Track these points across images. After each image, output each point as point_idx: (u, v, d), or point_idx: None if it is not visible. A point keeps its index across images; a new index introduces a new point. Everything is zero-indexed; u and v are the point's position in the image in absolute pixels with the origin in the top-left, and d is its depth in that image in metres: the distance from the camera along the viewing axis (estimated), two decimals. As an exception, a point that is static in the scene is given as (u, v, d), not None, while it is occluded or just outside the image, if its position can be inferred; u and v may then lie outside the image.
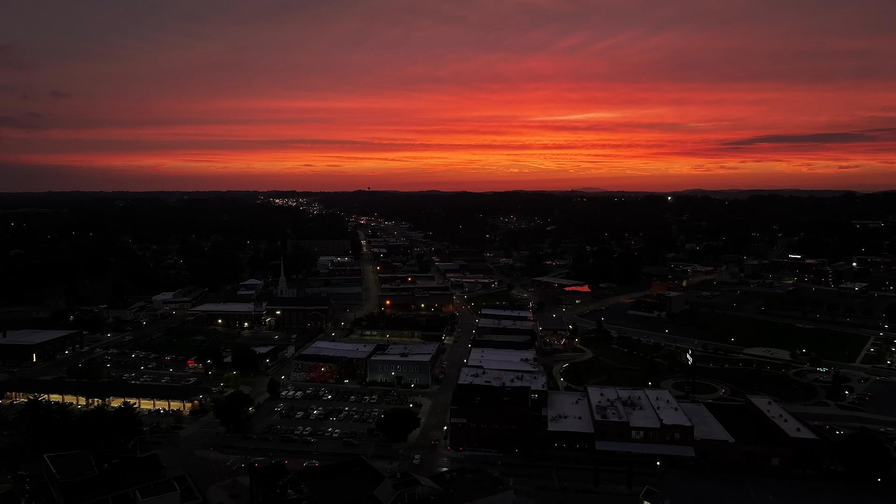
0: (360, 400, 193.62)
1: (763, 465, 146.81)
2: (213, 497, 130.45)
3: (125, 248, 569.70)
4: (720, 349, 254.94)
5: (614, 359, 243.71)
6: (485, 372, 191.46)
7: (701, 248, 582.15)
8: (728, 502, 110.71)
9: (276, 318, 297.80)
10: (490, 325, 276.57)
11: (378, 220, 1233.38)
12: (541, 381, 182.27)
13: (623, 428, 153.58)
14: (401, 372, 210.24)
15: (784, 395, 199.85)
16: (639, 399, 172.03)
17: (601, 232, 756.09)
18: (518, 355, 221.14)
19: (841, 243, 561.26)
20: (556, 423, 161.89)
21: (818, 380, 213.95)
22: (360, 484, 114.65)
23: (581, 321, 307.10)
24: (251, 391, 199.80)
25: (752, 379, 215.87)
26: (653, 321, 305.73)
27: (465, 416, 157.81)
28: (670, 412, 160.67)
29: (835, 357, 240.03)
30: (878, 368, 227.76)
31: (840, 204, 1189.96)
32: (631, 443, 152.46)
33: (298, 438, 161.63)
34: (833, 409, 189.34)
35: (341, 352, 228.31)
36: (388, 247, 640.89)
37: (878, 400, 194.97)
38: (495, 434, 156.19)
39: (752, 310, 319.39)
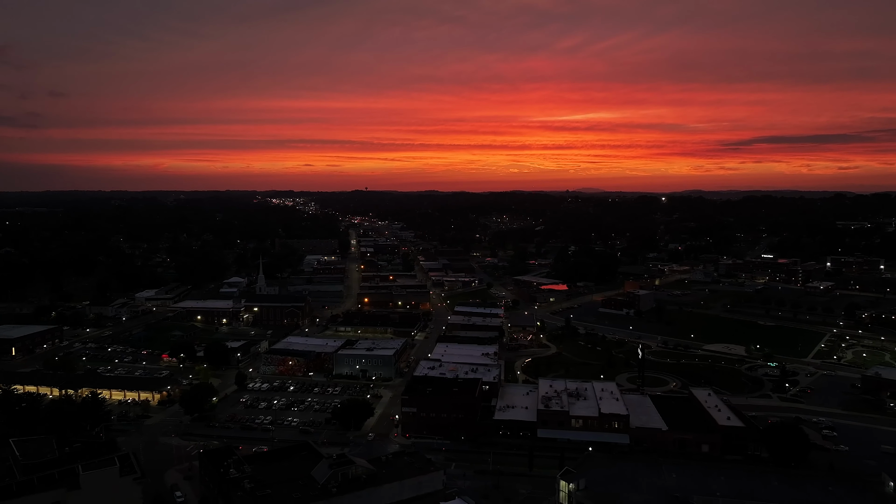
0: (323, 392, 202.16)
1: (694, 451, 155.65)
2: (169, 479, 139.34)
3: (115, 246, 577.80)
4: (680, 345, 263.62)
5: (576, 354, 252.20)
6: (441, 365, 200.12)
7: (683, 248, 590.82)
8: (638, 481, 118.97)
9: (254, 315, 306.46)
10: (460, 322, 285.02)
11: (371, 220, 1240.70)
12: (493, 374, 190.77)
13: (563, 417, 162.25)
14: (366, 365, 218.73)
15: (733, 388, 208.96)
16: (585, 391, 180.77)
17: (588, 232, 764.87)
18: (480, 350, 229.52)
19: (821, 244, 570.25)
20: (503, 412, 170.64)
21: (767, 374, 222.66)
22: (302, 465, 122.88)
23: (552, 318, 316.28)
24: (220, 383, 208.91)
25: (705, 373, 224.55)
26: (621, 318, 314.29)
27: (415, 405, 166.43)
28: (611, 402, 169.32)
29: (788, 353, 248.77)
30: (827, 363, 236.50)
31: (830, 205, 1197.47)
32: (571, 430, 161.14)
33: (258, 427, 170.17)
34: (775, 401, 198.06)
35: (311, 346, 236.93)
36: (376, 246, 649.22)
37: (819, 393, 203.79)
38: (444, 422, 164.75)
39: (718, 308, 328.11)
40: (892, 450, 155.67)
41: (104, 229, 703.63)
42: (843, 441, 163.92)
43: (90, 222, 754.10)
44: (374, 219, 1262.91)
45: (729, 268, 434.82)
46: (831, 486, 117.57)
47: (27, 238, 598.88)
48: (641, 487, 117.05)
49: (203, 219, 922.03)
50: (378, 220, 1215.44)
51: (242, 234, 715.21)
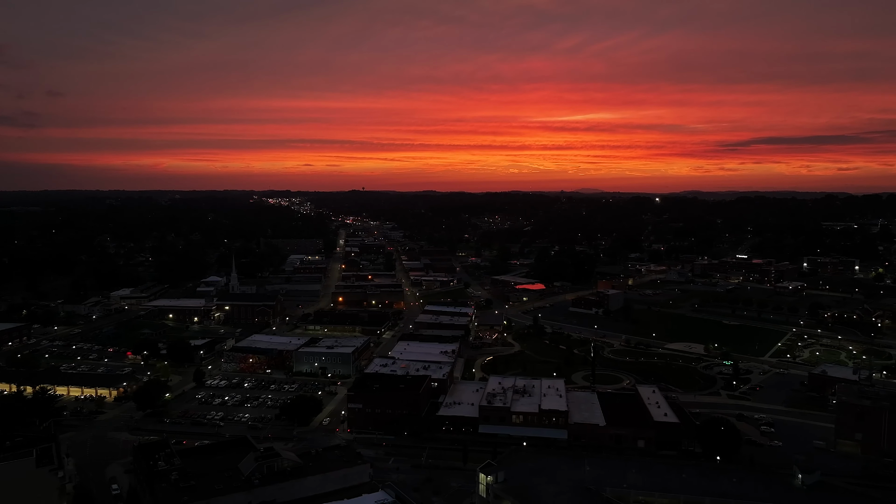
0: (279, 388, 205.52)
1: (630, 446, 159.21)
2: (110, 472, 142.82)
3: (101, 245, 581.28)
4: (642, 343, 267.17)
5: (538, 352, 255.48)
6: (395, 362, 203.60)
7: (665, 249, 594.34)
8: (558, 474, 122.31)
9: (226, 314, 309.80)
10: (427, 321, 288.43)
11: (364, 220, 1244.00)
12: (443, 371, 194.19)
13: (504, 413, 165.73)
14: (325, 363, 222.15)
15: (685, 386, 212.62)
16: (533, 388, 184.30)
17: (575, 232, 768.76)
18: (440, 348, 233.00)
19: (803, 244, 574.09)
20: (448, 408, 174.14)
21: (721, 372, 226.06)
22: (234, 459, 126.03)
23: (523, 317, 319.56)
24: (180, 380, 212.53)
25: (660, 371, 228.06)
26: (590, 317, 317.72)
27: (361, 401, 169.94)
28: (554, 399, 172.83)
29: (746, 351, 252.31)
30: (782, 362, 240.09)
31: (820, 206, 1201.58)
32: (511, 426, 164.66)
33: (208, 422, 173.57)
34: (723, 398, 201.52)
35: (274, 344, 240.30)
36: (362, 246, 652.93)
37: (768, 390, 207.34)
38: (388, 418, 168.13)
39: (686, 307, 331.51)
40: (824, 445, 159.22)
41: (92, 228, 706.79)
42: (781, 436, 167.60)
43: (78, 221, 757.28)
44: (367, 219, 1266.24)
45: (704, 268, 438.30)
46: (744, 478, 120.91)
47: (12, 237, 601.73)
48: (559, 480, 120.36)
49: (193, 218, 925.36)
50: (371, 220, 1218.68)
51: (230, 234, 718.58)
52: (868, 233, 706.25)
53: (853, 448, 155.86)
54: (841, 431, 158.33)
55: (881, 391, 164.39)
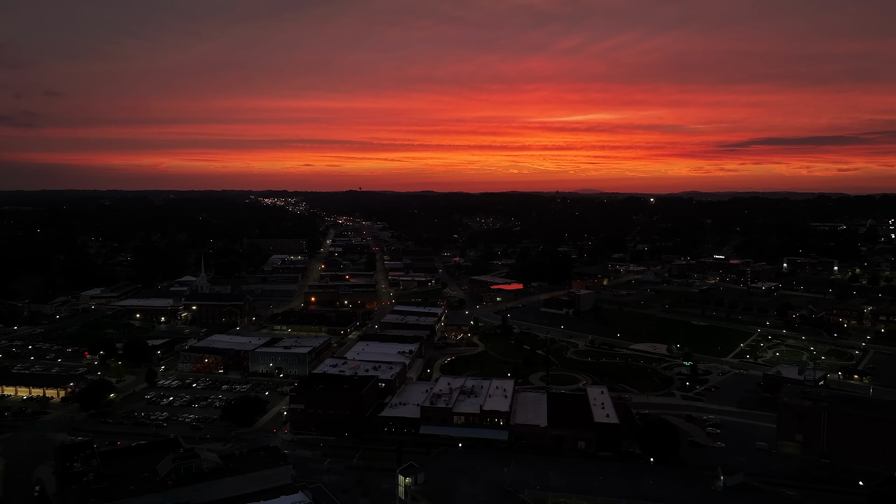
0: (231, 389, 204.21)
1: (571, 447, 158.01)
2: (38, 473, 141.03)
3: (83, 245, 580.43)
4: (606, 344, 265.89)
5: (501, 353, 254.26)
6: (346, 363, 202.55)
7: (649, 249, 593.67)
8: (480, 476, 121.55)
9: (193, 314, 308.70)
10: (394, 321, 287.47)
11: (356, 220, 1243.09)
12: (392, 372, 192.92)
13: (446, 414, 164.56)
14: (280, 363, 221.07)
15: (642, 387, 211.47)
16: (481, 388, 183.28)
17: (562, 233, 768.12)
18: (399, 348, 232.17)
19: (787, 244, 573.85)
20: (393, 409, 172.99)
21: (681, 373, 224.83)
22: (159, 460, 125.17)
23: (494, 318, 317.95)
24: (133, 380, 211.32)
25: (619, 372, 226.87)
26: (560, 318, 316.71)
27: (302, 402, 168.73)
28: (498, 400, 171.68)
29: (709, 352, 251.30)
30: (744, 362, 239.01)
31: (813, 206, 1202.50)
32: (453, 427, 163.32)
33: (151, 423, 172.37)
34: (677, 399, 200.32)
35: (233, 344, 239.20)
36: (346, 246, 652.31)
37: (723, 390, 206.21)
38: (330, 419, 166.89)
39: (657, 308, 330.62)
40: (766, 446, 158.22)
41: (77, 228, 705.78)
42: (727, 437, 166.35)
43: (64, 221, 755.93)
44: (360, 219, 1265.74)
45: (682, 268, 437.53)
46: (667, 480, 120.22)
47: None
48: (479, 482, 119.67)
49: (182, 218, 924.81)
50: (363, 220, 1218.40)
51: (216, 234, 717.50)
52: (855, 233, 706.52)
53: (794, 449, 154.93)
54: (782, 432, 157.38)
55: (823, 392, 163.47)
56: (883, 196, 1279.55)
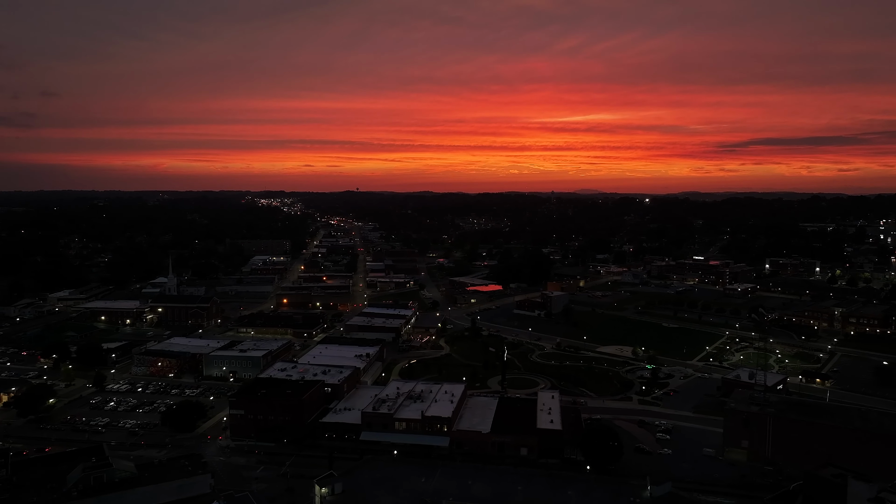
0: (181, 394, 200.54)
1: (513, 453, 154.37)
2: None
3: (66, 245, 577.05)
4: (573, 347, 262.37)
5: (465, 355, 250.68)
6: (295, 366, 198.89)
7: (634, 249, 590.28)
8: (401, 485, 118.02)
9: (160, 316, 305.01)
10: (360, 323, 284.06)
11: (349, 221, 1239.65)
12: (341, 376, 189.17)
13: (387, 419, 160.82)
14: (234, 367, 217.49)
15: (601, 391, 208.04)
16: (430, 393, 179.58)
17: (550, 233, 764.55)
18: (358, 351, 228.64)
19: (771, 245, 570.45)
20: (337, 414, 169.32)
21: (643, 376, 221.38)
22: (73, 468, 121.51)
23: (467, 319, 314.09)
24: (84, 384, 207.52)
25: (581, 375, 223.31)
26: (532, 320, 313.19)
27: (243, 407, 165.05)
28: (444, 405, 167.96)
29: (675, 355, 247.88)
30: (709, 365, 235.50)
31: (806, 207, 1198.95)
32: (394, 433, 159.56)
33: (89, 429, 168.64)
34: (633, 403, 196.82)
35: (190, 347, 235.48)
36: (331, 247, 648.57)
37: (681, 395, 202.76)
38: (271, 425, 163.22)
39: (631, 309, 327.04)
40: (713, 452, 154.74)
41: (61, 228, 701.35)
42: (677, 443, 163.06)
43: (50, 221, 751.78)
44: (352, 219, 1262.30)
45: (661, 269, 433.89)
46: (594, 489, 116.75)
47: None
48: (400, 492, 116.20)
49: (171, 218, 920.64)
50: (355, 221, 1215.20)
51: (202, 235, 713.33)
52: (843, 234, 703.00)
53: (741, 455, 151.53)
54: (729, 438, 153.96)
55: (772, 397, 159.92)
56: (878, 196, 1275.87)
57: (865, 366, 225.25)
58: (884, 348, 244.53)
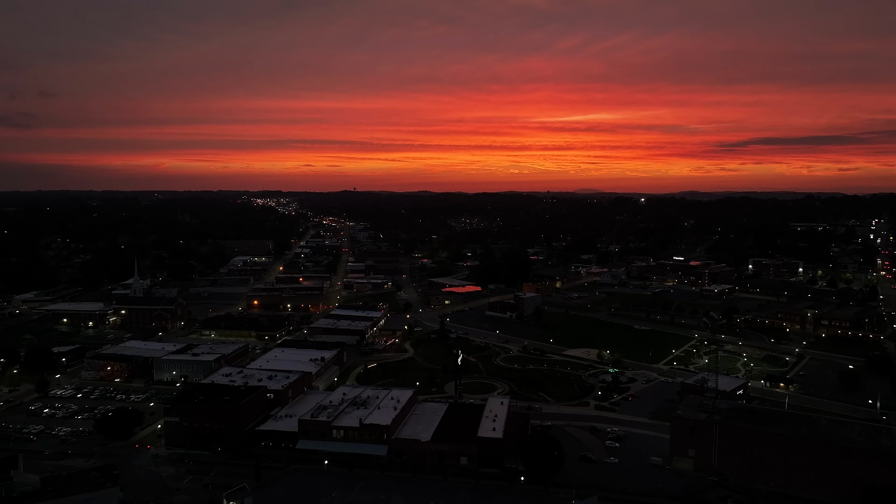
0: (126, 399, 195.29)
1: (453, 463, 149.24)
2: None
3: (45, 246, 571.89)
4: (540, 349, 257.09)
5: (428, 359, 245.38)
6: (241, 371, 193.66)
7: (619, 250, 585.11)
8: (322, 498, 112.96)
9: (122, 318, 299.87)
10: (325, 325, 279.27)
11: (341, 221, 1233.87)
12: (287, 381, 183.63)
13: (325, 427, 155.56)
14: (185, 371, 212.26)
15: (561, 395, 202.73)
16: (377, 398, 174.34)
17: (540, 233, 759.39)
18: (315, 355, 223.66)
19: (756, 245, 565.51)
20: (276, 422, 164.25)
21: (605, 380, 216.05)
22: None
23: (438, 322, 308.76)
24: (30, 389, 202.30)
25: (542, 379, 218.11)
26: (503, 322, 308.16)
27: (177, 414, 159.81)
28: (386, 412, 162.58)
29: (641, 358, 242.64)
30: (674, 369, 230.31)
31: (799, 207, 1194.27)
32: (332, 441, 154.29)
33: (20, 436, 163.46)
34: (590, 409, 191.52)
35: (143, 351, 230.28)
36: (316, 247, 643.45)
37: (641, 400, 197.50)
38: (206, 433, 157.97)
39: (604, 311, 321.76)
40: (660, 462, 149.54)
41: (45, 228, 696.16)
42: (626, 451, 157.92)
43: (34, 221, 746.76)
44: (343, 220, 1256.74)
45: (642, 270, 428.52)
46: (519, 501, 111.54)
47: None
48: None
49: (159, 219, 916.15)
50: (348, 221, 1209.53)
51: (187, 235, 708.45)
52: (833, 234, 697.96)
53: (688, 465, 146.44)
54: (675, 447, 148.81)
55: (722, 404, 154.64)
56: (873, 196, 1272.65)
57: (833, 369, 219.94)
58: (854, 351, 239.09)
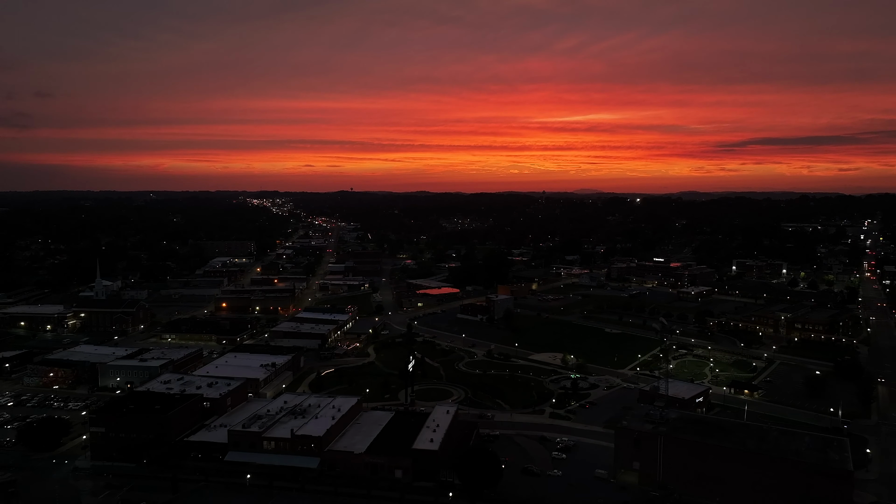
0: (64, 407, 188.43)
1: (387, 476, 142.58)
2: None
3: (21, 247, 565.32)
4: (505, 354, 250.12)
5: (389, 364, 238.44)
6: (182, 378, 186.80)
7: (605, 250, 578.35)
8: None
9: (83, 321, 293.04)
10: (287, 329, 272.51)
11: (333, 221, 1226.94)
12: (226, 389, 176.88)
13: (255, 438, 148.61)
14: (131, 377, 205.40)
15: (517, 402, 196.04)
16: (317, 407, 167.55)
17: (526, 234, 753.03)
18: (268, 360, 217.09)
19: (744, 246, 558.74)
20: (210, 431, 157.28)
21: (566, 386, 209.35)
22: None
23: (406, 325, 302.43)
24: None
25: (501, 385, 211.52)
26: (474, 325, 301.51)
27: (103, 424, 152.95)
28: (323, 421, 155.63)
29: (607, 362, 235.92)
30: (639, 375, 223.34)
31: (793, 207, 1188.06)
32: (262, 453, 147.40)
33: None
34: (544, 417, 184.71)
35: (92, 356, 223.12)
36: (299, 248, 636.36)
37: (598, 407, 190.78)
38: (134, 443, 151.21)
39: (577, 314, 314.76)
40: (605, 475, 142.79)
41: (27, 229, 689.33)
42: (573, 463, 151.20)
43: (15, 222, 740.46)
44: (337, 220, 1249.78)
45: (622, 271, 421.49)
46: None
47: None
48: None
49: (144, 219, 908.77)
50: (340, 221, 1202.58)
51: (170, 236, 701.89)
52: (824, 234, 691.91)
53: (633, 478, 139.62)
54: (620, 459, 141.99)
55: (671, 413, 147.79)
56: (868, 196, 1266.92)
57: (801, 375, 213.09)
58: (826, 356, 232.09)
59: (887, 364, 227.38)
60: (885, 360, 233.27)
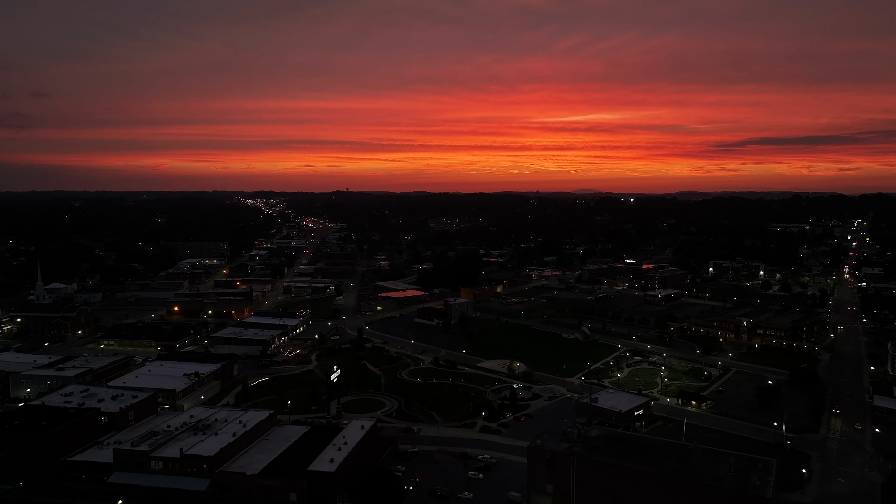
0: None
1: (281, 500, 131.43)
2: None
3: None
4: (452, 361, 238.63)
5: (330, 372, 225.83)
6: (85, 390, 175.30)
7: (584, 251, 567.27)
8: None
9: (20, 326, 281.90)
10: (228, 335, 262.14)
11: (321, 222, 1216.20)
12: (132, 402, 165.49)
13: (142, 458, 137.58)
14: (43, 388, 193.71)
15: (452, 414, 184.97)
16: (225, 421, 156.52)
17: (510, 234, 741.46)
18: (194, 369, 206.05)
19: (726, 247, 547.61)
20: (101, 449, 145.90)
21: (506, 396, 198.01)
22: None
23: (365, 329, 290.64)
24: None
25: (440, 395, 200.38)
26: (430, 330, 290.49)
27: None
28: (222, 438, 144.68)
29: (556, 370, 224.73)
30: (586, 384, 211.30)
31: (785, 207, 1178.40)
32: (150, 474, 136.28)
33: None
34: (474, 431, 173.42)
35: (9, 365, 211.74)
36: (275, 249, 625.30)
37: (534, 420, 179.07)
38: (13, 463, 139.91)
39: (537, 319, 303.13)
40: (518, 498, 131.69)
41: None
42: (492, 483, 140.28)
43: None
44: (326, 220, 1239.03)
45: (593, 273, 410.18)
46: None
47: None
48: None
49: (126, 220, 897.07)
50: (328, 222, 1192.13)
51: (146, 237, 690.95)
52: (811, 235, 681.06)
53: (546, 501, 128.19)
54: (533, 481, 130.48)
55: (592, 431, 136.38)
56: (862, 196, 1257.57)
57: (755, 385, 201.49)
58: (786, 363, 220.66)
59: (847, 372, 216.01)
60: (846, 367, 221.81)
